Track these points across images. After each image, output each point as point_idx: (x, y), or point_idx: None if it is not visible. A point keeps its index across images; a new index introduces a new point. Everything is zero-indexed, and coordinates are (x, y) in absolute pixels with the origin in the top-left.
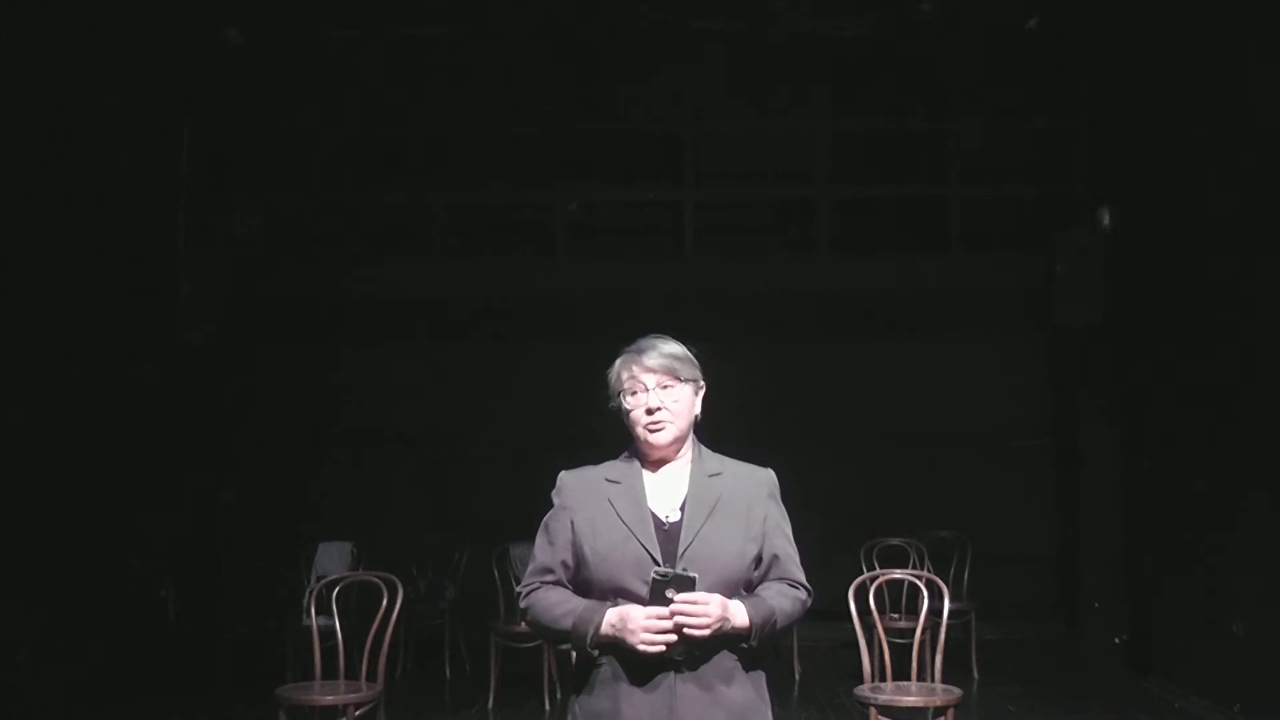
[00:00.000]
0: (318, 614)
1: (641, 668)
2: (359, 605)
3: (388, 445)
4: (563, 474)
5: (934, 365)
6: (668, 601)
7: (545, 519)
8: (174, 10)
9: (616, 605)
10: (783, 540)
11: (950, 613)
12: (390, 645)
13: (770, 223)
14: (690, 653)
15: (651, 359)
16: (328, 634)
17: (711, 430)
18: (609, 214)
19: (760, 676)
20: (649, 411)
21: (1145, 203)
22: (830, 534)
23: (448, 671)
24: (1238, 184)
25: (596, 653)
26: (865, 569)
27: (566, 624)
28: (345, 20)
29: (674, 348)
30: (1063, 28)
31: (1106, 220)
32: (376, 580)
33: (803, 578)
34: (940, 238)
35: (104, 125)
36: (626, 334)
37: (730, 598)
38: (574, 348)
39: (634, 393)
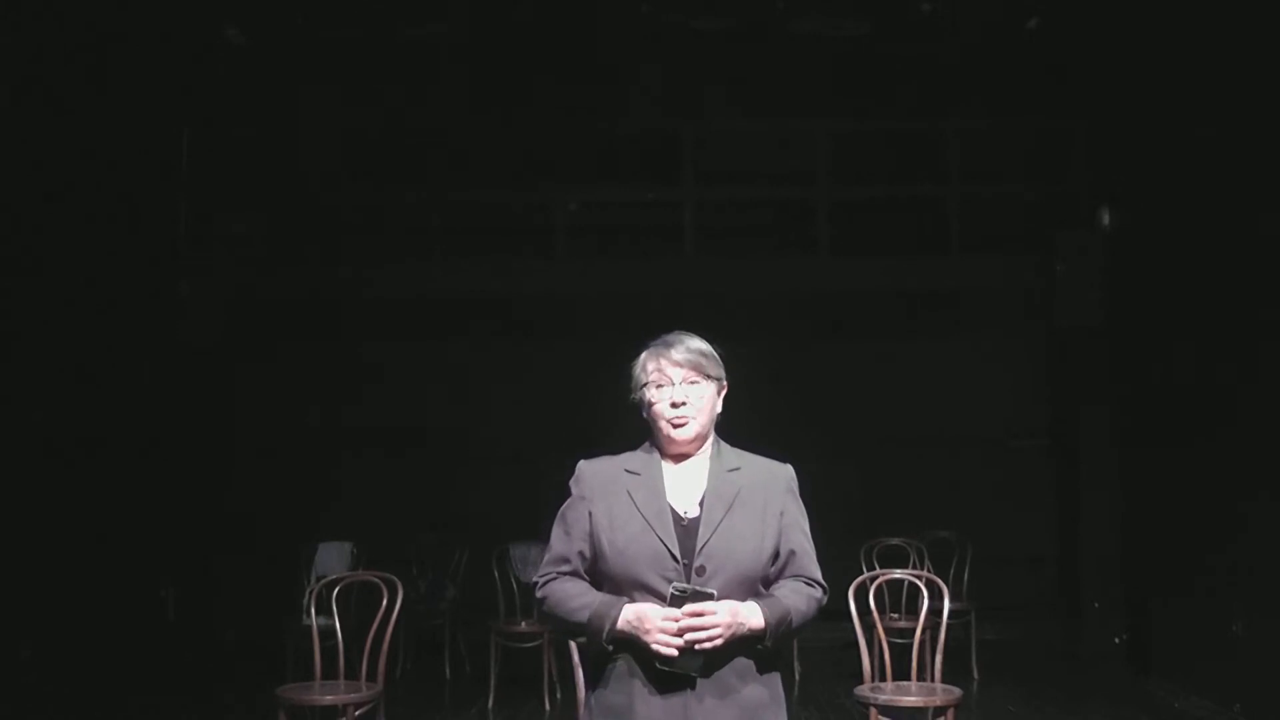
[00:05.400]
0: (317, 614)
1: (657, 672)
2: (359, 605)
3: (388, 444)
4: (581, 463)
5: (933, 365)
6: None
7: (562, 508)
8: (174, 10)
9: (634, 600)
10: (800, 536)
11: (950, 613)
12: (390, 645)
13: (770, 223)
14: (706, 669)
15: (679, 353)
16: (327, 634)
17: (720, 431)
18: (608, 214)
19: (775, 677)
20: (674, 405)
21: (1145, 203)
22: (830, 534)
23: (448, 671)
24: (1237, 182)
25: (611, 648)
26: (865, 569)
27: (582, 617)
28: (345, 19)
29: (701, 345)
30: (1062, 28)
31: (1106, 220)
32: (376, 580)
33: (819, 575)
34: (940, 238)
35: (103, 125)
36: (627, 334)
37: (747, 594)
38: (574, 348)
39: (659, 386)
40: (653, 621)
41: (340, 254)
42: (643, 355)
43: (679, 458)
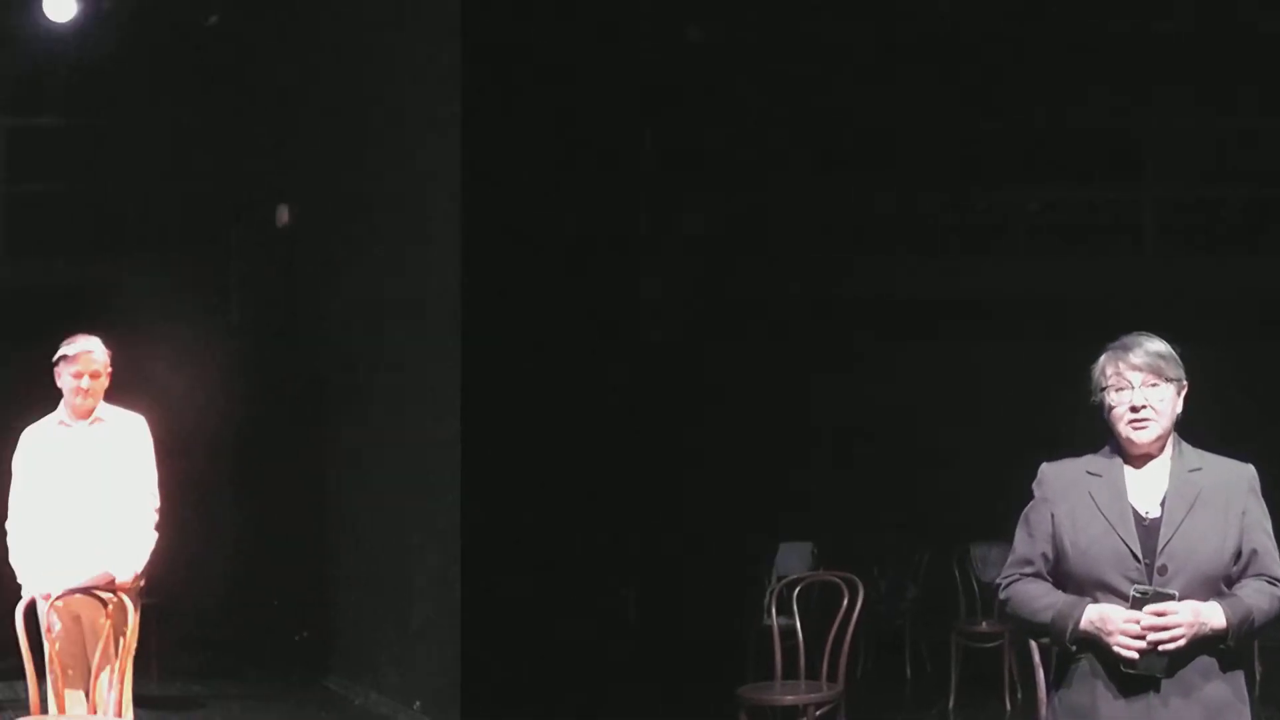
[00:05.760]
0: (778, 614)
1: (1121, 673)
2: (819, 605)
3: (848, 444)
4: (1044, 466)
5: None
6: None
7: (1025, 511)
8: (636, 10)
9: (1096, 601)
10: (1262, 535)
11: None
12: (851, 645)
13: (1232, 221)
14: (1169, 670)
15: (1138, 357)
16: (788, 634)
17: (1179, 431)
18: (1068, 213)
19: (1238, 676)
20: (1133, 409)
21: None
22: None
23: (908, 672)
24: None
25: (1074, 648)
26: None
27: (1046, 617)
28: (808, 17)
29: (1160, 346)
30: None
31: None
32: (837, 580)
33: None
34: None
35: (571, 130)
36: (1088, 335)
37: (1209, 594)
38: (1035, 349)
39: (1119, 389)
40: (1115, 623)
41: (799, 253)
42: (1102, 358)
43: (1140, 459)
